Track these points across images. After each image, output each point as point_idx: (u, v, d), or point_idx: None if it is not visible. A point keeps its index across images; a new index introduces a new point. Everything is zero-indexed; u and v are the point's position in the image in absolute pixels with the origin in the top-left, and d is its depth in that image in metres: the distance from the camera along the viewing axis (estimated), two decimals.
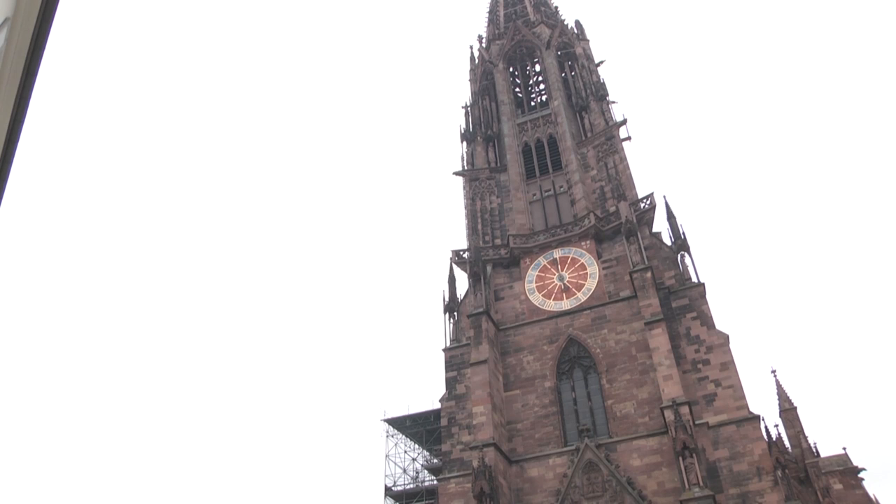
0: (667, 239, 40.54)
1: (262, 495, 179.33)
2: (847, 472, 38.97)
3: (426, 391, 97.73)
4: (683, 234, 39.53)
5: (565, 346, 39.34)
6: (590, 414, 37.49)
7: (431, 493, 50.56)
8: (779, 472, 32.98)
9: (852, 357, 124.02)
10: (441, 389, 41.66)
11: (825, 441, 79.69)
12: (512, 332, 40.80)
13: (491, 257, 43.34)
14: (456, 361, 41.32)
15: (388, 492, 59.31)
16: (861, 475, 39.17)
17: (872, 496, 38.50)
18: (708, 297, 37.76)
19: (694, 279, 38.51)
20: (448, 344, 42.26)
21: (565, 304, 40.13)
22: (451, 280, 43.60)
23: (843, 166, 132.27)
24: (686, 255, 39.28)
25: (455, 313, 42.88)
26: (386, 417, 60.12)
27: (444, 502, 38.11)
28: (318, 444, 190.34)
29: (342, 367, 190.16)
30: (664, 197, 41.38)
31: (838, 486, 37.94)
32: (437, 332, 62.65)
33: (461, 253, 44.67)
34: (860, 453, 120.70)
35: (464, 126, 52.59)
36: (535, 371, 39.26)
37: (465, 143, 51.39)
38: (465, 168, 49.50)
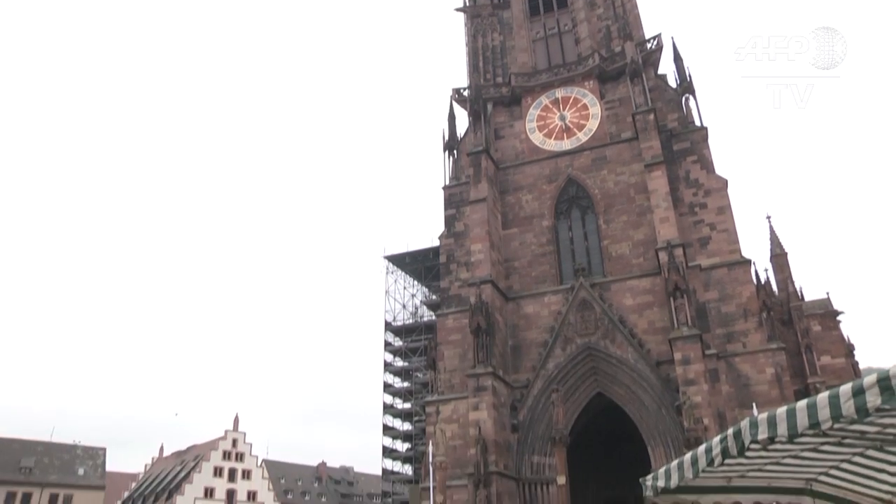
0: (672, 81, 39.72)
1: (269, 333, 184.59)
2: (827, 315, 40.26)
3: (426, 229, 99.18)
4: (689, 76, 38.69)
5: (564, 185, 39.47)
6: (586, 254, 38.16)
7: (430, 327, 52.22)
8: (764, 314, 34.11)
9: (845, 207, 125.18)
10: (440, 227, 42.14)
11: (810, 286, 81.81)
12: (511, 171, 40.80)
13: (492, 95, 42.63)
14: (455, 199, 41.55)
15: (388, 326, 61.26)
16: (839, 318, 40.54)
17: (846, 337, 40.07)
18: (709, 141, 37.61)
19: (697, 123, 38.11)
20: (447, 182, 42.30)
21: (566, 144, 39.93)
22: (452, 118, 42.97)
23: (854, 13, 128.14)
24: (691, 98, 38.63)
25: (455, 152, 42.59)
26: (386, 254, 61.24)
27: (442, 337, 39.39)
28: (322, 283, 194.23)
29: (344, 206, 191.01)
30: (672, 38, 40.23)
31: (817, 328, 39.30)
32: (437, 170, 62.58)
33: (462, 91, 43.84)
34: (841, 298, 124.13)
35: None
36: (533, 210, 39.59)
37: None
38: (467, 3, 47.72)
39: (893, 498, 6.25)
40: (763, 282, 36.27)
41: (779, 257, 42.17)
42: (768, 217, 42.84)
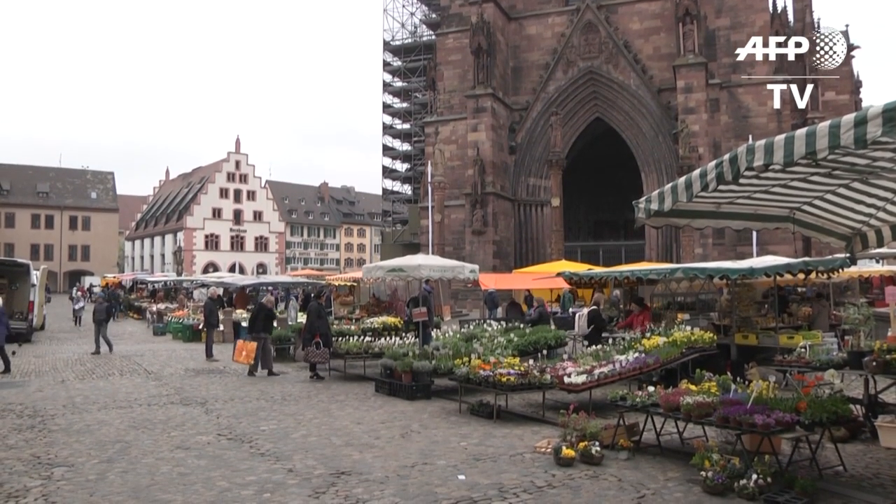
0: None
1: (267, 53, 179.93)
2: None
3: None
4: None
5: None
6: None
7: (429, 47, 50.92)
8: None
9: None
10: None
11: (830, 17, 78.81)
12: None
13: None
14: None
15: (387, 46, 59.76)
16: (854, 53, 39.55)
17: (856, 74, 39.41)
18: None
19: None
20: None
21: None
22: None
23: None
24: None
25: None
26: None
27: (442, 57, 38.72)
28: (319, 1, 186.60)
29: None
30: None
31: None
32: None
33: None
34: (860, 32, 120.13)
35: None
36: None
37: None
38: None
39: (863, 227, 6.59)
40: (780, 10, 35.01)
41: None
42: None
